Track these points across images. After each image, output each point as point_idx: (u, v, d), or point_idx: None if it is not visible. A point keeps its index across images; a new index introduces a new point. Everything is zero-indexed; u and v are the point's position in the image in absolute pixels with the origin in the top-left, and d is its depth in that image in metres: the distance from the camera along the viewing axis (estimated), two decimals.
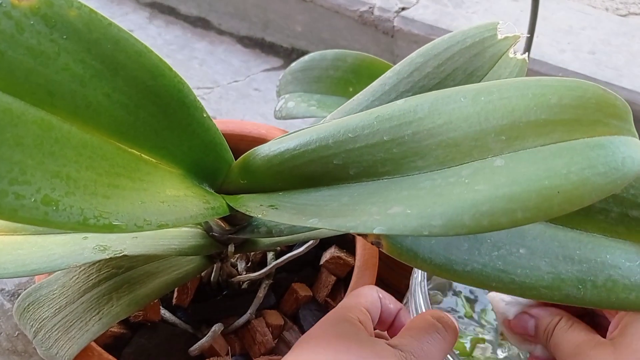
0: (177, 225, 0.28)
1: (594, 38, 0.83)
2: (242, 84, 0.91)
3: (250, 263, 0.50)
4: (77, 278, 0.42)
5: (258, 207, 0.31)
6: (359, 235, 0.27)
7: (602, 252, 0.28)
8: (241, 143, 0.54)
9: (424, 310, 0.43)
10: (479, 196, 0.23)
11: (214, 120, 0.33)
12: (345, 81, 0.58)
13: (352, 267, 0.48)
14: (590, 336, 0.31)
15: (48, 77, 0.24)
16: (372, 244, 0.28)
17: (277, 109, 0.58)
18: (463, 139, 0.25)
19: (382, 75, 0.39)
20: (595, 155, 0.23)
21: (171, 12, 1.06)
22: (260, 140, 0.55)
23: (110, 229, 0.25)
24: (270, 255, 0.51)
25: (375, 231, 0.24)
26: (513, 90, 0.25)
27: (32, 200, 0.22)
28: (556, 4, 0.89)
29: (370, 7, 0.85)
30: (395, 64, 0.49)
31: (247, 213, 0.31)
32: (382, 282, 0.64)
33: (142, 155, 0.29)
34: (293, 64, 0.60)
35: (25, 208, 0.22)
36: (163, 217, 0.28)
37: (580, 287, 0.27)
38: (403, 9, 0.84)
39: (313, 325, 0.47)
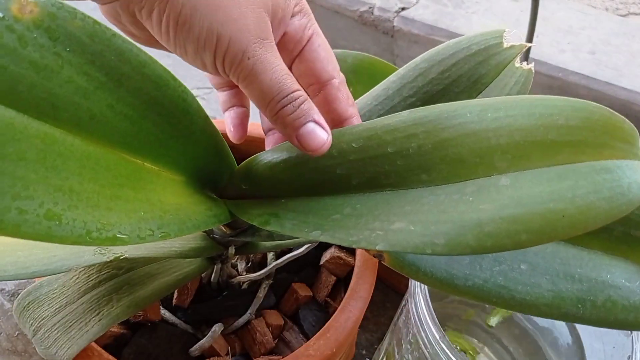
0: (180, 235, 0.28)
1: (594, 38, 0.83)
2: None
3: (250, 263, 0.50)
4: (78, 278, 0.42)
5: (260, 216, 0.31)
6: (361, 247, 0.27)
7: (602, 271, 0.28)
8: (241, 143, 0.54)
9: (424, 311, 0.43)
10: (483, 216, 0.22)
11: (213, 121, 0.33)
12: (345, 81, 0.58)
13: (352, 267, 0.48)
14: None
15: (51, 91, 0.23)
16: (374, 256, 0.28)
17: None
18: (468, 155, 0.25)
19: (386, 80, 0.39)
20: (601, 179, 0.22)
21: None
22: (260, 141, 0.54)
23: (113, 241, 0.24)
24: (270, 255, 0.51)
25: (378, 248, 0.24)
26: (520, 108, 0.25)
27: (35, 215, 0.22)
28: (556, 4, 0.88)
29: (370, 7, 0.84)
30: (395, 64, 0.49)
31: (249, 222, 0.31)
32: (382, 282, 0.64)
33: (145, 164, 0.29)
34: None
35: (29, 223, 0.22)
36: (165, 228, 0.28)
37: (579, 306, 0.27)
38: (403, 9, 0.84)
39: (313, 325, 0.47)
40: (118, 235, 0.25)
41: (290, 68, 0.34)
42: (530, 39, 0.58)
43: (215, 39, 0.28)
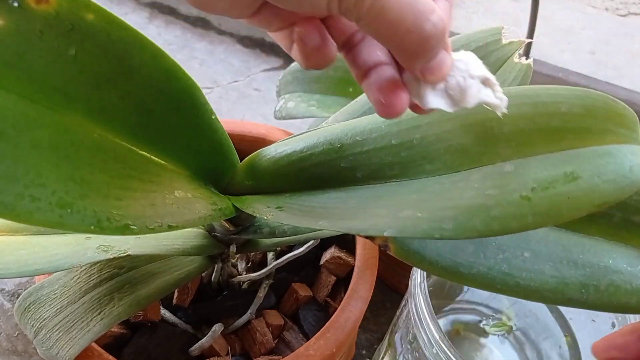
0: (186, 227, 0.28)
1: (594, 38, 0.84)
2: (242, 84, 0.91)
3: (250, 263, 0.50)
4: (79, 278, 0.42)
5: (265, 209, 0.31)
6: (367, 237, 0.28)
7: (604, 257, 0.28)
8: (241, 143, 0.54)
9: (424, 311, 0.43)
10: (489, 201, 0.23)
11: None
12: (345, 81, 0.58)
13: (352, 267, 0.48)
14: None
15: (65, 80, 0.24)
16: (379, 246, 0.28)
17: (277, 109, 0.58)
18: (472, 145, 0.26)
19: None
20: (604, 162, 0.23)
21: (171, 12, 1.06)
22: (261, 140, 0.55)
23: (122, 231, 0.25)
24: (270, 255, 0.51)
25: (386, 234, 0.24)
26: (522, 97, 0.26)
27: (48, 202, 0.22)
28: (556, 4, 0.90)
29: None
30: None
31: (255, 214, 0.31)
32: (382, 282, 0.64)
33: (152, 157, 0.29)
34: (293, 64, 0.60)
35: (41, 211, 0.22)
36: (173, 219, 0.28)
37: (583, 291, 0.27)
38: None
39: (313, 325, 0.48)
40: (128, 225, 0.25)
41: None
42: (530, 38, 0.59)
43: None
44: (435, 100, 0.24)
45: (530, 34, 0.57)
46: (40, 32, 0.23)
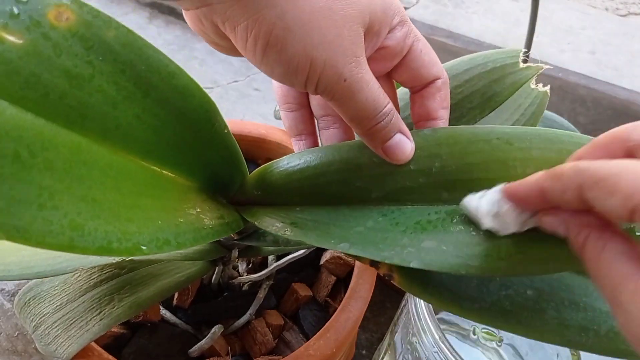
0: (195, 244, 0.28)
1: (594, 38, 0.84)
2: (242, 84, 0.90)
3: (251, 264, 0.50)
4: (79, 276, 0.41)
5: (279, 225, 0.30)
6: (371, 265, 0.27)
7: None
8: (241, 143, 0.53)
9: (424, 311, 0.43)
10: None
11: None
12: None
13: (352, 267, 0.48)
14: None
15: (81, 100, 0.23)
16: (383, 275, 0.28)
17: (276, 109, 0.58)
18: (493, 180, 0.25)
19: (398, 90, 0.39)
20: None
21: (171, 12, 1.04)
22: (260, 140, 0.55)
23: (132, 252, 0.24)
24: (271, 256, 0.50)
25: (412, 265, 0.24)
26: (547, 142, 0.26)
27: (60, 225, 0.21)
28: (556, 4, 0.89)
29: None
30: None
31: (268, 230, 0.31)
32: (382, 282, 0.65)
33: (162, 171, 0.29)
34: None
35: (53, 234, 0.21)
36: (181, 237, 0.27)
37: (583, 334, 0.27)
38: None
39: (313, 325, 0.48)
40: (138, 246, 0.24)
41: (390, 74, 0.33)
42: (530, 38, 0.58)
43: (310, 63, 0.27)
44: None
45: (530, 34, 0.56)
46: (59, 51, 0.22)
